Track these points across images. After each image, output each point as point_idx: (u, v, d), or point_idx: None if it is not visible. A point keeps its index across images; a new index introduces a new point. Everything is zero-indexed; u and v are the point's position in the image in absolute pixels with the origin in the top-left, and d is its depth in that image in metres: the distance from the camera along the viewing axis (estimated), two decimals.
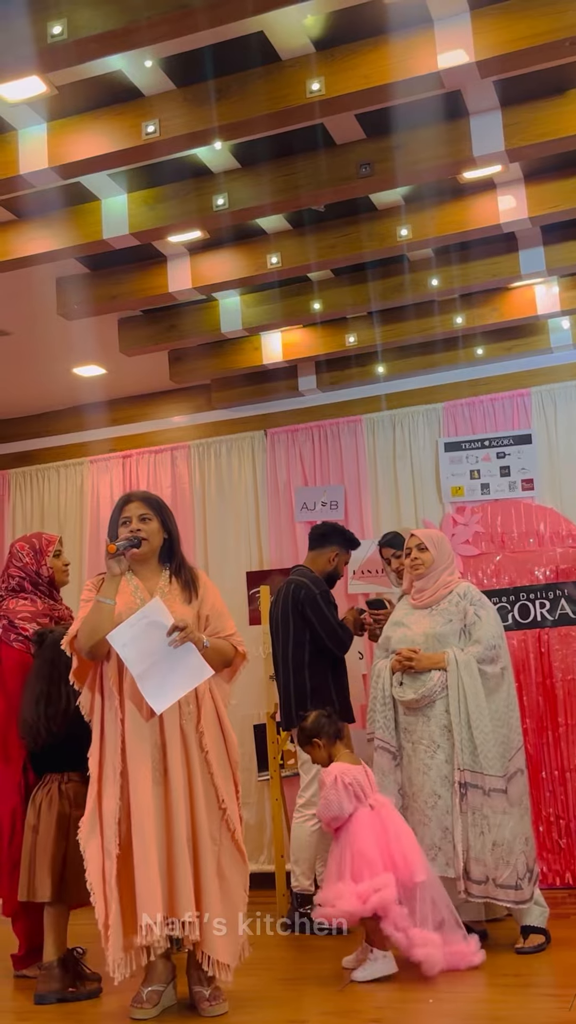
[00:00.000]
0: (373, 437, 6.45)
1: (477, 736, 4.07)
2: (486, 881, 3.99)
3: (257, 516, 6.63)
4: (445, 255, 5.26)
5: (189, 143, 3.95)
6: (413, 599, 4.46)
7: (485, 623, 4.27)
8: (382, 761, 4.28)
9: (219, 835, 3.45)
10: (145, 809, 3.34)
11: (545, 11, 3.38)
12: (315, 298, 5.50)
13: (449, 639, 4.26)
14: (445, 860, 4.03)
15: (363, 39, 3.59)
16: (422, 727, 4.19)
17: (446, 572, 4.43)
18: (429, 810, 4.09)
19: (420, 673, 4.21)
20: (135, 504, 3.67)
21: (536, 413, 6.16)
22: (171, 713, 3.44)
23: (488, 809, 4.04)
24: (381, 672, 4.39)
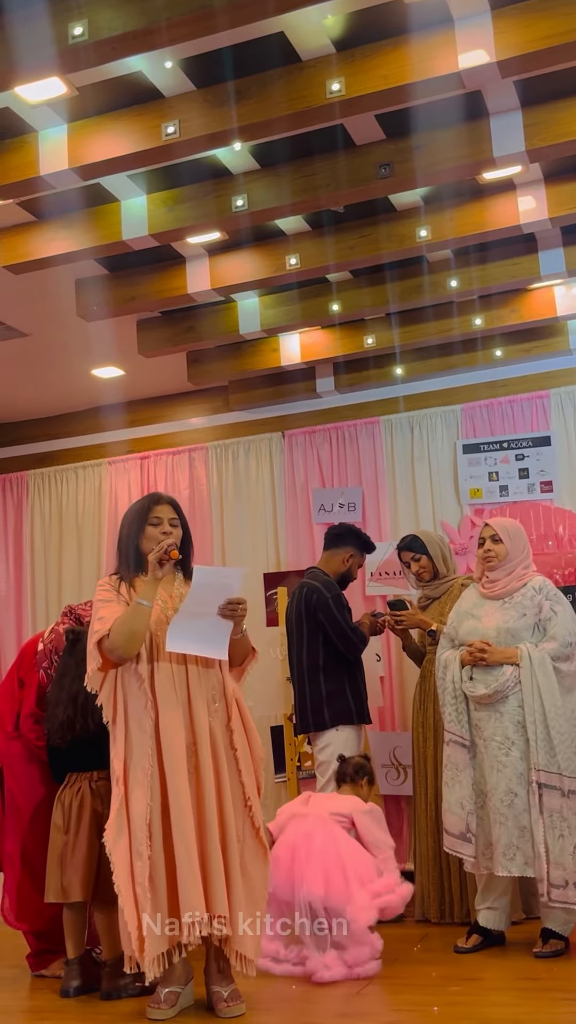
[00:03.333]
0: (391, 439, 6.44)
1: (554, 736, 3.97)
2: (566, 885, 3.90)
3: (274, 517, 6.64)
4: (464, 256, 5.25)
5: (209, 144, 3.95)
6: (484, 588, 4.33)
7: (561, 619, 4.14)
8: (456, 756, 4.19)
9: (243, 833, 3.47)
10: (185, 808, 3.35)
11: (567, 11, 3.37)
12: (333, 299, 5.50)
13: (522, 634, 4.14)
14: (524, 860, 3.97)
15: (383, 39, 3.59)
16: (494, 723, 4.10)
17: (521, 564, 4.30)
18: (506, 808, 4.01)
19: (491, 667, 4.12)
20: (166, 507, 3.66)
21: (555, 415, 6.13)
22: (200, 712, 3.46)
23: (568, 811, 3.94)
24: (449, 663, 4.28)
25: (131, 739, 3.45)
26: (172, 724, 3.43)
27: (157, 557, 3.49)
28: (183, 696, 3.48)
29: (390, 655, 6.09)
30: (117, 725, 3.49)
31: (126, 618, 3.43)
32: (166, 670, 3.48)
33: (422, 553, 5.03)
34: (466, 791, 4.13)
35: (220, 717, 3.51)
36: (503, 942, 4.25)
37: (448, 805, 4.19)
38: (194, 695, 3.48)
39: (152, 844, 3.34)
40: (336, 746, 4.76)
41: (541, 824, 3.92)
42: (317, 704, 4.83)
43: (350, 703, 4.83)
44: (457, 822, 4.13)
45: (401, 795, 5.87)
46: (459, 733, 4.20)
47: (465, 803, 4.12)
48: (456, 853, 4.15)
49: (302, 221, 4.88)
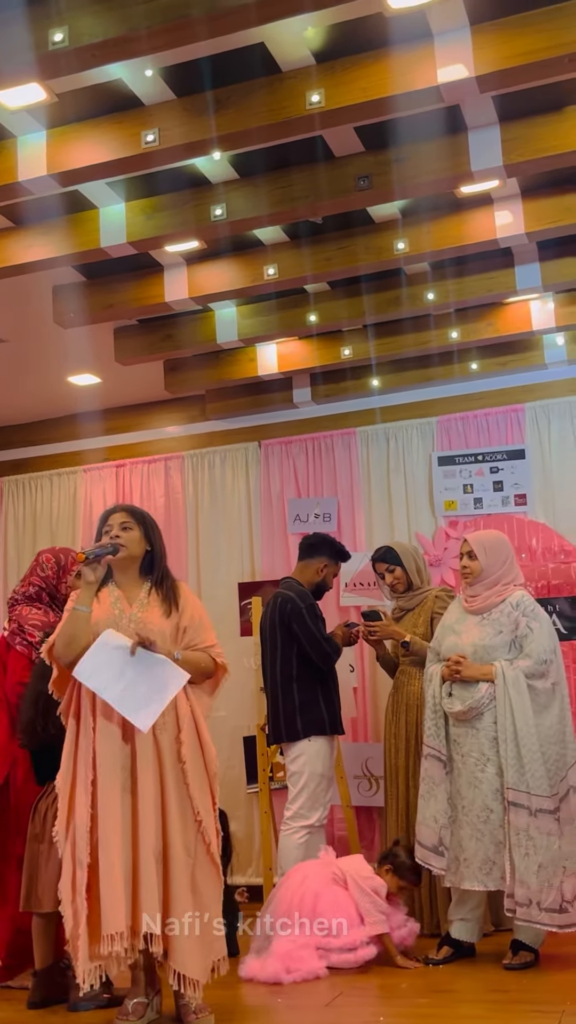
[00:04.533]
0: (367, 450, 6.45)
1: (524, 755, 3.97)
2: (529, 904, 3.89)
3: (250, 527, 6.63)
4: (441, 269, 5.28)
5: (188, 153, 3.95)
6: (466, 603, 4.35)
7: (537, 636, 4.14)
8: (433, 770, 4.20)
9: (195, 849, 3.38)
10: (112, 819, 3.29)
11: (545, 28, 3.40)
12: (311, 310, 5.51)
13: (498, 651, 4.15)
14: (500, 875, 3.97)
15: (363, 52, 3.61)
16: (471, 739, 4.11)
17: (501, 580, 4.29)
18: (482, 824, 4.02)
19: (468, 684, 4.12)
20: (118, 514, 3.66)
21: (530, 428, 6.17)
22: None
23: (534, 830, 3.93)
24: (432, 677, 4.30)
25: (79, 747, 3.42)
26: (109, 736, 3.37)
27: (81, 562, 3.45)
28: None
29: (363, 666, 6.09)
30: (69, 731, 3.46)
31: (63, 625, 3.44)
32: None
33: (396, 564, 5.04)
34: (441, 805, 4.13)
35: (169, 730, 3.43)
36: (473, 954, 4.26)
37: (423, 818, 4.20)
38: None
39: (91, 853, 3.28)
40: (308, 757, 4.75)
41: (508, 842, 3.93)
42: (290, 714, 4.82)
43: (323, 714, 4.82)
44: (430, 835, 4.14)
45: (373, 806, 5.87)
46: (437, 747, 4.20)
47: (439, 817, 4.13)
48: (427, 865, 4.16)
49: (280, 231, 4.89)
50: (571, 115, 3.98)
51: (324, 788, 4.78)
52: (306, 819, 4.72)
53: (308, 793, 4.73)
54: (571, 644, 5.61)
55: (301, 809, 4.73)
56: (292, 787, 4.79)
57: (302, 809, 4.72)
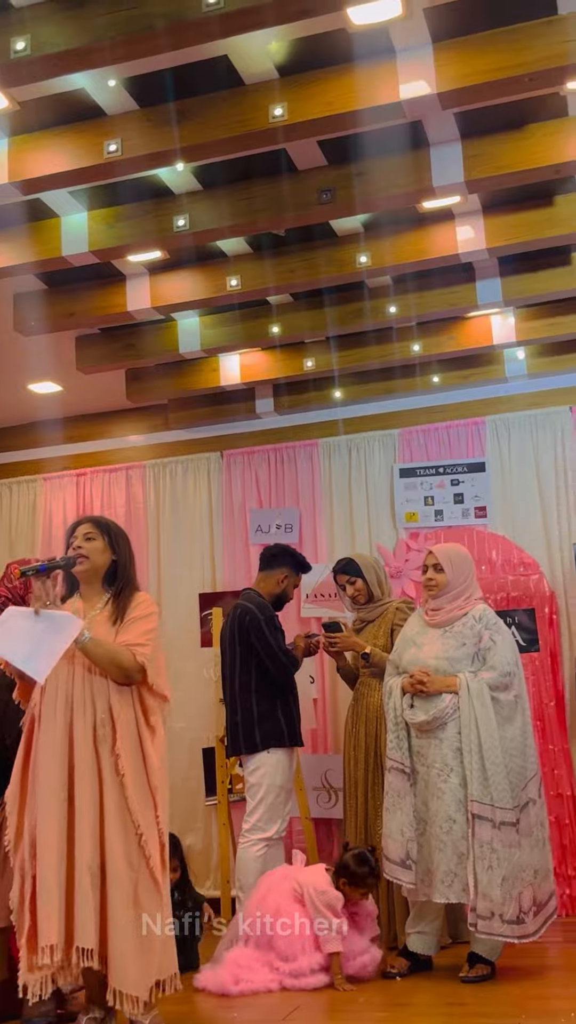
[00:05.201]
0: (329, 461, 6.47)
1: (489, 767, 3.98)
2: (491, 917, 3.89)
3: (211, 537, 6.61)
4: (403, 283, 5.30)
5: (150, 163, 3.95)
6: (427, 616, 4.35)
7: (500, 648, 4.17)
8: (397, 782, 4.19)
9: (138, 863, 3.31)
10: (48, 832, 3.25)
11: (506, 47, 3.44)
12: (274, 321, 5.52)
13: (461, 663, 4.16)
14: (461, 886, 3.96)
15: (327, 67, 3.63)
16: (434, 750, 4.11)
17: (464, 594, 4.31)
18: (444, 835, 4.01)
19: (432, 695, 4.13)
20: (84, 525, 3.64)
21: (490, 441, 6.21)
22: (84, 735, 3.36)
23: (497, 843, 3.93)
24: (392, 691, 4.30)
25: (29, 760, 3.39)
26: (47, 748, 3.34)
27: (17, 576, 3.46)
28: (65, 718, 3.39)
29: (324, 677, 6.09)
30: (22, 742, 3.43)
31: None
32: (51, 691, 3.40)
33: (357, 576, 5.05)
34: (407, 818, 4.13)
35: (108, 742, 3.37)
36: (430, 967, 4.26)
37: (389, 832, 4.19)
38: (76, 717, 3.38)
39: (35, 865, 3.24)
40: (267, 769, 4.74)
41: (472, 855, 3.93)
42: (249, 726, 4.80)
43: (282, 725, 4.81)
44: (397, 849, 4.13)
45: (332, 818, 5.86)
46: (400, 760, 4.20)
47: (405, 830, 4.12)
48: (396, 880, 4.14)
49: (243, 243, 4.90)
50: (532, 133, 4.03)
51: (283, 800, 4.77)
52: (264, 832, 4.70)
53: (266, 805, 4.71)
54: (529, 656, 5.65)
55: (259, 821, 4.71)
56: (250, 799, 4.77)
57: (260, 821, 4.70)
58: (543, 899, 4.08)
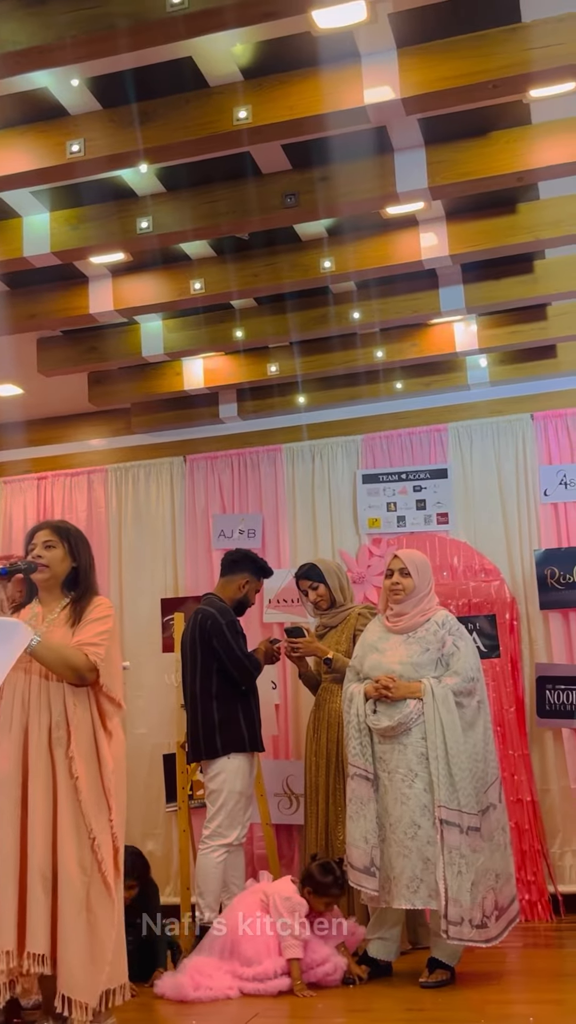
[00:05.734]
0: (292, 467, 6.46)
1: (455, 772, 3.98)
2: (461, 923, 3.88)
3: (174, 542, 6.58)
4: (367, 289, 5.31)
5: (114, 164, 3.92)
6: (388, 622, 4.35)
7: (464, 654, 4.18)
8: (360, 789, 4.17)
9: (91, 868, 3.28)
10: (1, 837, 3.23)
11: (470, 53, 3.45)
12: (237, 326, 5.50)
13: (425, 669, 4.16)
14: (428, 892, 3.94)
15: (291, 70, 3.62)
16: (398, 756, 4.09)
17: (426, 600, 4.33)
18: (409, 841, 4.00)
19: (396, 700, 4.12)
20: (43, 531, 3.62)
21: (452, 448, 6.24)
22: (39, 738, 3.34)
23: (466, 848, 3.94)
24: (354, 696, 4.27)
25: None
26: (4, 751, 3.32)
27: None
28: (21, 721, 3.37)
29: (285, 683, 6.08)
30: None
31: None
32: (8, 694, 3.39)
33: (320, 581, 5.05)
34: (370, 825, 4.11)
35: (63, 745, 3.36)
36: (390, 973, 4.25)
37: (352, 839, 4.16)
38: (32, 721, 3.37)
39: None
40: (228, 774, 4.71)
41: (441, 861, 3.92)
42: (209, 731, 4.77)
43: (243, 731, 4.78)
44: (361, 856, 4.11)
45: (293, 824, 5.84)
46: (363, 767, 4.19)
47: (369, 837, 4.11)
48: (360, 887, 4.12)
49: (207, 246, 4.88)
50: (495, 140, 4.05)
51: (243, 806, 4.74)
52: (224, 838, 4.67)
53: (227, 811, 4.68)
54: (490, 662, 5.67)
55: (219, 827, 4.68)
56: (211, 805, 4.75)
57: (220, 827, 4.68)
58: (505, 903, 4.09)
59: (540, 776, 5.70)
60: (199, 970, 4.02)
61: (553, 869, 5.55)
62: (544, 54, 3.39)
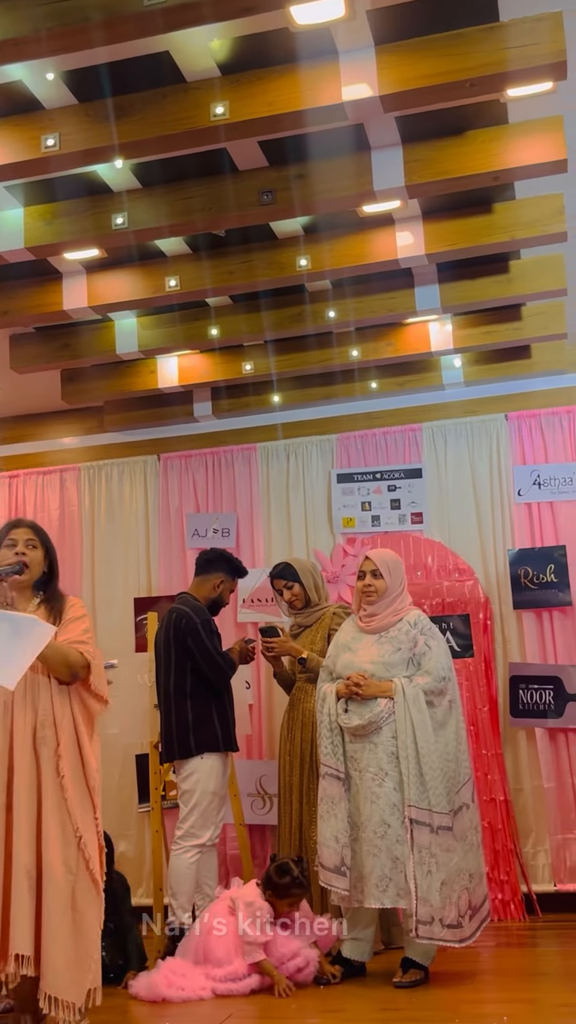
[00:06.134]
0: (267, 466, 6.44)
1: (426, 772, 3.98)
2: (432, 922, 3.89)
3: (147, 542, 6.54)
4: (342, 288, 5.30)
5: (89, 159, 3.89)
6: (361, 622, 4.35)
7: (435, 654, 4.19)
8: (331, 789, 4.16)
9: (76, 867, 3.28)
10: None
11: (448, 52, 3.45)
12: (213, 324, 5.47)
13: (396, 668, 4.17)
14: (396, 891, 3.95)
15: (269, 66, 3.59)
16: (368, 754, 4.09)
17: (398, 599, 4.34)
18: (379, 840, 3.99)
19: (367, 699, 4.12)
20: (24, 529, 3.61)
21: (427, 448, 6.25)
22: (23, 739, 3.33)
23: (436, 847, 3.94)
24: (326, 696, 4.27)
25: None
26: None
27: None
28: (5, 720, 3.36)
29: (259, 682, 6.06)
30: None
31: None
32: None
33: (294, 581, 5.04)
34: (341, 824, 4.11)
35: (49, 744, 3.36)
36: (364, 973, 4.24)
37: (323, 839, 4.16)
38: (17, 720, 3.36)
39: None
40: (201, 775, 4.69)
41: (412, 860, 3.92)
42: (183, 731, 4.75)
43: (217, 730, 4.76)
44: (332, 855, 4.10)
45: (266, 824, 5.83)
46: (334, 766, 4.18)
47: (340, 836, 4.10)
48: (331, 887, 4.11)
49: (183, 243, 4.85)
50: (472, 139, 4.05)
51: (216, 807, 4.72)
52: (198, 838, 4.65)
53: (200, 812, 4.66)
54: (464, 662, 5.69)
55: (192, 828, 4.66)
56: (184, 805, 4.72)
57: (193, 828, 4.65)
58: (478, 902, 4.10)
59: (513, 775, 5.71)
60: (173, 970, 4.01)
61: (526, 868, 5.56)
62: (521, 53, 3.39)
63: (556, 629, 5.79)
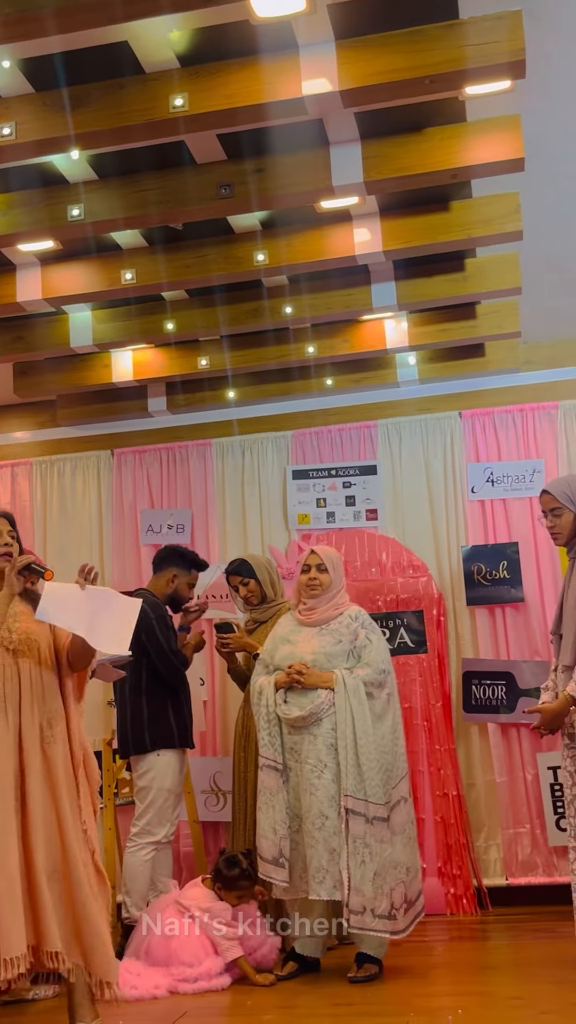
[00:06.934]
0: (222, 462, 6.42)
1: (363, 762, 4.03)
2: (363, 911, 3.92)
3: (101, 538, 6.49)
4: (299, 283, 5.29)
5: (45, 149, 3.84)
6: (302, 615, 4.39)
7: (375, 647, 4.26)
8: (270, 780, 4.18)
9: (87, 859, 3.34)
10: (8, 840, 3.18)
11: (407, 48, 3.45)
12: (168, 318, 5.44)
13: (338, 660, 4.21)
14: (332, 883, 3.96)
15: (229, 59, 3.58)
16: (308, 746, 4.12)
17: (339, 594, 4.41)
18: (316, 832, 4.01)
19: (306, 690, 4.15)
20: (3, 520, 3.60)
21: (382, 445, 6.26)
22: (31, 736, 3.32)
23: (370, 838, 3.98)
24: (264, 688, 4.29)
25: None
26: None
27: (16, 569, 3.41)
28: (14, 719, 3.34)
29: (214, 679, 6.04)
30: None
31: None
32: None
33: (250, 577, 5.02)
34: (280, 815, 4.12)
35: (60, 740, 3.38)
36: (318, 969, 4.25)
37: (262, 830, 4.17)
38: (25, 719, 3.34)
39: None
40: (157, 771, 4.67)
41: (346, 850, 3.95)
42: (139, 728, 4.72)
43: (173, 727, 4.74)
44: (270, 847, 4.11)
45: (220, 821, 5.81)
46: (272, 757, 4.20)
47: (278, 828, 4.11)
48: (269, 879, 4.13)
49: (139, 236, 4.80)
50: (430, 137, 4.06)
51: (172, 804, 4.70)
52: (153, 835, 4.63)
53: (156, 809, 4.64)
54: (417, 658, 5.71)
55: (148, 825, 4.63)
56: (139, 802, 4.69)
57: (149, 825, 4.63)
58: (413, 897, 4.16)
59: (466, 770, 5.75)
60: (127, 969, 3.98)
61: (478, 863, 5.60)
62: (480, 51, 3.41)
63: (508, 625, 5.84)
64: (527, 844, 5.57)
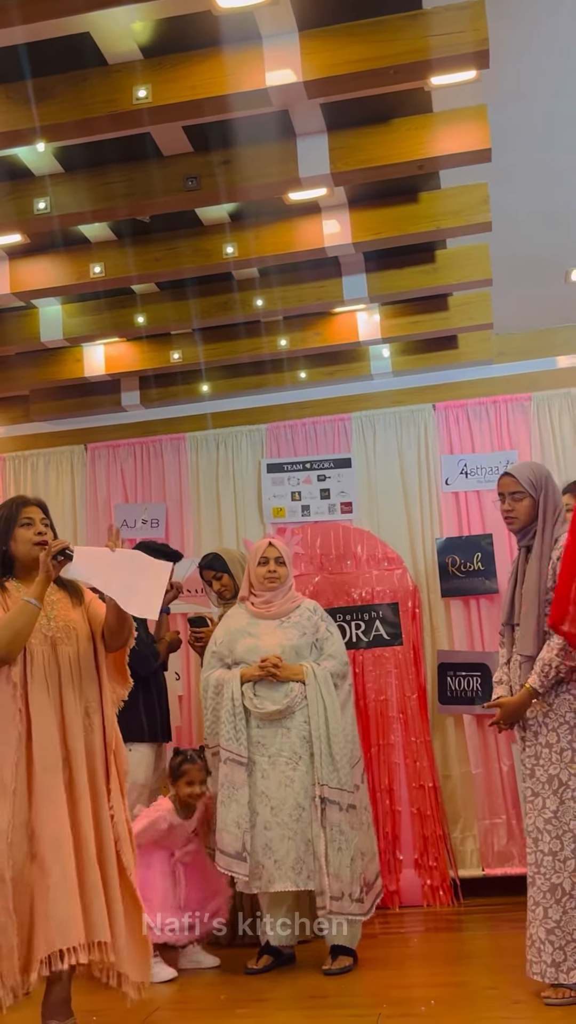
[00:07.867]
0: (196, 455, 6.40)
1: (335, 752, 4.13)
2: (342, 897, 4.01)
3: (75, 533, 6.45)
4: (270, 276, 5.27)
5: (9, 142, 3.80)
6: (256, 608, 4.44)
7: (336, 639, 4.42)
8: (233, 774, 4.19)
9: (122, 846, 3.33)
10: (61, 827, 3.16)
11: (371, 38, 3.44)
12: (139, 311, 5.41)
13: (304, 652, 4.32)
14: (308, 874, 4.02)
15: (192, 50, 3.55)
16: (281, 739, 4.18)
17: (292, 588, 4.54)
18: (294, 823, 4.07)
19: (278, 684, 4.21)
20: (35, 508, 3.55)
21: (356, 438, 6.26)
22: (74, 725, 3.33)
23: (345, 824, 4.09)
24: (226, 682, 4.31)
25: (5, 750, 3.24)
26: (46, 736, 3.26)
27: (51, 555, 3.34)
28: (56, 707, 3.33)
29: (189, 673, 6.03)
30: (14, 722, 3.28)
31: (11, 618, 3.29)
32: (40, 680, 3.32)
33: (224, 571, 5.01)
34: (243, 810, 4.14)
35: (97, 729, 3.39)
36: (293, 961, 4.25)
37: (224, 824, 4.18)
38: (67, 707, 3.34)
39: (15, 866, 3.10)
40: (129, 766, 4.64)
41: (323, 837, 4.01)
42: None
43: (143, 720, 4.72)
44: (233, 841, 4.12)
45: None
46: (237, 751, 4.22)
47: (241, 822, 4.13)
48: (231, 872, 4.12)
49: (107, 229, 4.77)
50: (397, 127, 4.04)
51: (145, 800, 4.68)
52: None
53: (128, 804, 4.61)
54: (393, 650, 5.72)
55: None
56: None
57: None
58: (371, 879, 4.26)
59: (442, 762, 5.76)
60: None
61: (454, 854, 5.62)
62: (445, 41, 3.40)
63: (483, 616, 5.84)
64: (503, 835, 5.59)
